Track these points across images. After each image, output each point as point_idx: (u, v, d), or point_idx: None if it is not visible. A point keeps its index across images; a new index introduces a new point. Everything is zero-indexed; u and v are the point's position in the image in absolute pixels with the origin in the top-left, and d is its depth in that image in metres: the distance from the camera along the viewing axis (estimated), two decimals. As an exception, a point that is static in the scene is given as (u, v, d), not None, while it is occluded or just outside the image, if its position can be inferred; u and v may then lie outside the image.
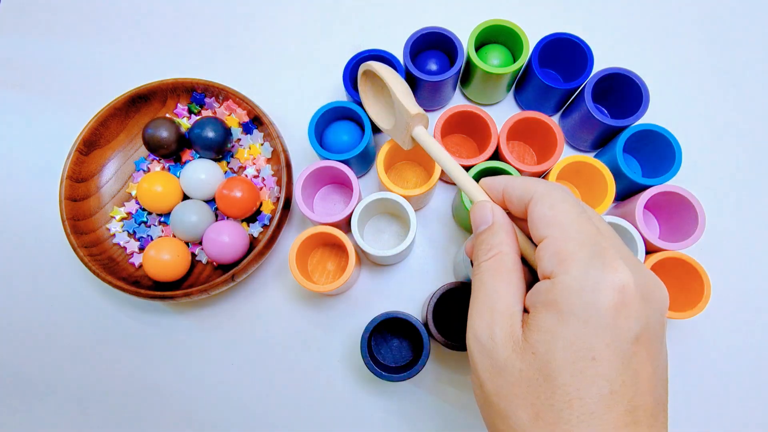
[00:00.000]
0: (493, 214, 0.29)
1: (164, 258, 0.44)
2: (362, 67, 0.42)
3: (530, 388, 0.23)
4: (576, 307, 0.23)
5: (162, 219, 0.48)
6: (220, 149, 0.47)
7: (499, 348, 0.25)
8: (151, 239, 0.47)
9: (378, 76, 0.40)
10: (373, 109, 0.43)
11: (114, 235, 0.47)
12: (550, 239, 0.25)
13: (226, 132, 0.47)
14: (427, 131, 0.39)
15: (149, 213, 0.48)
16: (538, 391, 0.23)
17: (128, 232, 0.48)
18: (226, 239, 0.43)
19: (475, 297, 0.27)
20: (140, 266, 0.47)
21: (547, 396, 0.23)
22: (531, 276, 0.29)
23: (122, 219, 0.48)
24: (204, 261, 0.47)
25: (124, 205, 0.48)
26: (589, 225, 0.25)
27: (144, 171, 0.49)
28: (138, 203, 0.48)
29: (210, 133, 0.46)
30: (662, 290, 0.25)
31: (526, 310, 0.26)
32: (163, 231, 0.48)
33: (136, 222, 0.48)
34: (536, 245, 0.26)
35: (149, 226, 0.48)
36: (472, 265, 0.29)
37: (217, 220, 0.47)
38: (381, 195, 0.43)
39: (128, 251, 0.47)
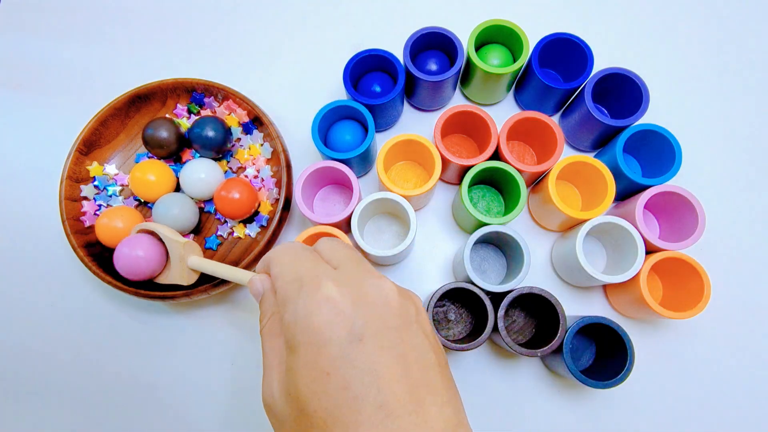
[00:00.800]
0: (261, 283, 0.30)
1: (117, 225, 0.44)
2: (135, 228, 0.44)
3: (298, 427, 0.24)
4: (299, 337, 0.24)
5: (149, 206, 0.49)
6: (220, 149, 0.47)
7: (277, 403, 0.25)
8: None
9: (149, 231, 0.43)
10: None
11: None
12: (277, 290, 0.27)
13: (226, 131, 0.47)
14: (198, 258, 0.42)
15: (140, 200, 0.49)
16: (301, 428, 0.24)
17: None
18: (141, 254, 0.42)
19: (263, 361, 0.28)
20: (90, 227, 0.47)
21: (307, 427, 0.23)
22: None
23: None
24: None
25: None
26: (306, 263, 0.27)
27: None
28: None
29: (210, 133, 0.46)
30: (382, 288, 0.26)
31: None
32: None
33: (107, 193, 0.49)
34: None
35: (111, 196, 0.48)
36: None
37: (207, 214, 0.47)
38: (381, 195, 0.43)
39: (84, 209, 0.47)
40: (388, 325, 0.25)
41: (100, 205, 0.48)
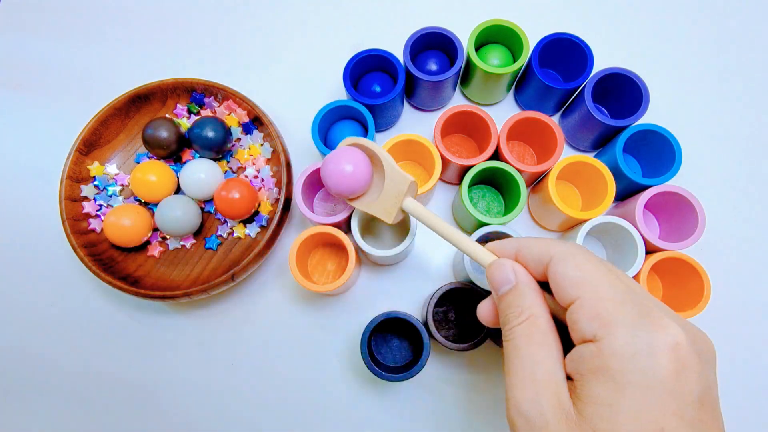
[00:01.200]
0: (516, 273, 0.27)
1: (125, 223, 0.44)
2: (347, 141, 0.39)
3: None
4: (632, 375, 0.21)
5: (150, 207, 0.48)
6: (219, 149, 0.47)
7: (551, 425, 0.22)
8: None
9: (366, 148, 0.38)
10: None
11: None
12: (584, 300, 0.23)
13: (226, 132, 0.47)
14: (416, 201, 0.36)
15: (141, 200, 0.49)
16: None
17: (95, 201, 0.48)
18: (350, 169, 0.37)
19: (511, 366, 0.25)
20: (101, 231, 0.47)
21: None
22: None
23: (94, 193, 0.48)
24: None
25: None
26: (620, 282, 0.24)
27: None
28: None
29: (210, 133, 0.46)
30: (710, 343, 0.24)
31: (568, 377, 0.24)
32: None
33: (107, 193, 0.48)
34: (563, 307, 0.25)
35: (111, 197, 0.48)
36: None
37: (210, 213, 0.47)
38: None
39: (86, 210, 0.47)
40: (716, 393, 0.22)
41: (100, 205, 0.48)
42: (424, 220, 0.34)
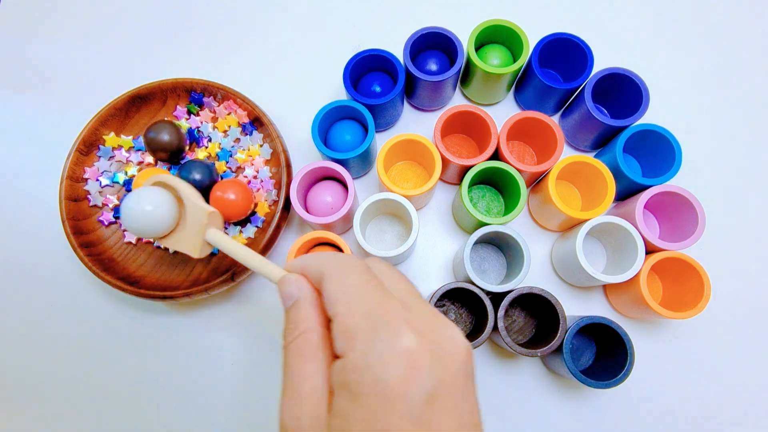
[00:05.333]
0: (298, 287, 0.27)
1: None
2: (149, 180, 0.38)
3: None
4: (365, 385, 0.22)
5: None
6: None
7: None
8: None
9: (166, 185, 0.37)
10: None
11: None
12: (338, 317, 0.24)
13: (212, 172, 0.46)
14: (220, 232, 0.35)
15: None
16: None
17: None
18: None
19: (283, 385, 0.26)
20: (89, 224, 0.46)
21: None
22: None
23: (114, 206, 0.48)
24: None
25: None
26: (375, 294, 0.24)
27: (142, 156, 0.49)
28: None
29: (197, 176, 0.45)
30: (456, 341, 0.24)
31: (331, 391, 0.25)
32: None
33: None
34: None
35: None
36: None
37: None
38: (383, 195, 0.43)
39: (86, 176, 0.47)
40: (458, 384, 0.23)
41: (105, 185, 0.48)
42: (227, 249, 0.34)
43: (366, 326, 0.23)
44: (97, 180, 0.48)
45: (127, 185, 0.48)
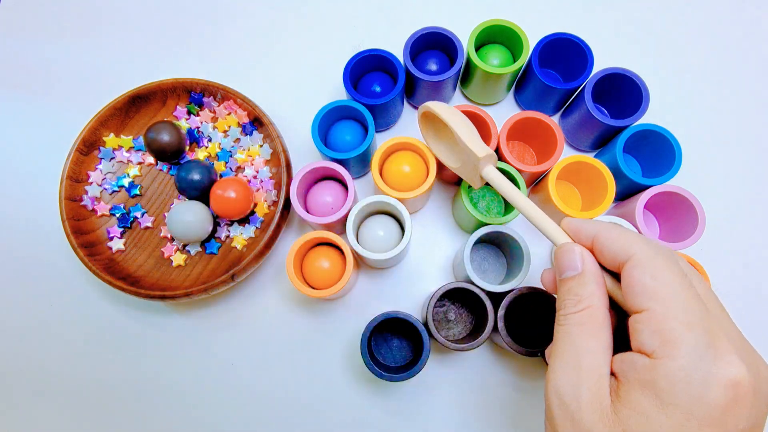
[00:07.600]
0: (583, 261, 0.26)
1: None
2: (421, 109, 0.40)
3: None
4: (680, 399, 0.21)
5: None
6: (205, 190, 0.46)
7: (584, 412, 0.23)
8: (137, 219, 0.48)
9: (438, 118, 0.39)
10: (437, 149, 0.43)
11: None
12: (651, 313, 0.23)
13: (211, 172, 0.47)
14: (496, 170, 0.37)
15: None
16: None
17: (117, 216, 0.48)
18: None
19: (559, 350, 0.25)
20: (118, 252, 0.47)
21: None
22: (616, 320, 0.27)
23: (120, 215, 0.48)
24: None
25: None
26: (696, 302, 0.23)
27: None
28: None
29: (195, 176, 0.45)
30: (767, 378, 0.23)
31: (612, 374, 0.24)
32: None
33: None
34: (630, 311, 0.25)
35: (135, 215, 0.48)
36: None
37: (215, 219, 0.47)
38: (376, 198, 0.43)
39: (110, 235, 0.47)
40: (762, 425, 0.22)
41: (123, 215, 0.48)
42: (501, 189, 0.35)
43: (690, 339, 0.22)
44: (101, 185, 0.48)
45: (131, 189, 0.48)
